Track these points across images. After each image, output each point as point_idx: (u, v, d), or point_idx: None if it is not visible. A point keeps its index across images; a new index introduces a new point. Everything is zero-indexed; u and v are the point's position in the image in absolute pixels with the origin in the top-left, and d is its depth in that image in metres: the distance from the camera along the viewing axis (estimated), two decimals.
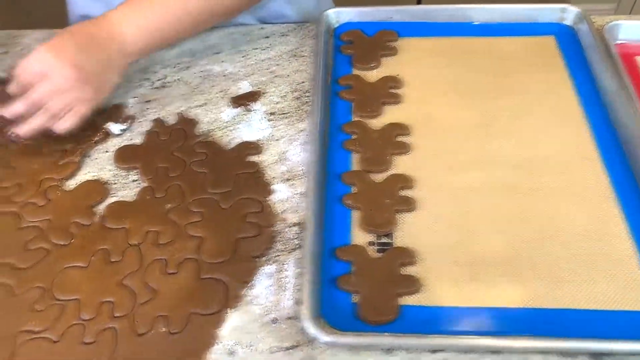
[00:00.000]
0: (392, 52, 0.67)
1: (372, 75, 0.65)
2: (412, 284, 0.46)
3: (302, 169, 0.56)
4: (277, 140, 0.59)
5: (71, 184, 0.55)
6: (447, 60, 0.66)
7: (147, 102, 0.63)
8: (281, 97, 0.63)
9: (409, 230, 0.50)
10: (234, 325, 0.45)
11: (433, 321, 0.44)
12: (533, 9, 0.70)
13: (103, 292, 0.46)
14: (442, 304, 0.45)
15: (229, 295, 0.46)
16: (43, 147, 0.58)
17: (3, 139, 0.55)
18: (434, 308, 0.45)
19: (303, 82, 0.65)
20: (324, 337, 0.42)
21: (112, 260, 0.48)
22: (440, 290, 0.46)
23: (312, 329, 0.42)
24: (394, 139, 0.57)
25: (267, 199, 0.53)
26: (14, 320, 0.45)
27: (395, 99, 0.62)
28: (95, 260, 0.48)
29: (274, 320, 0.45)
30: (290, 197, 0.54)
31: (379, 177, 0.54)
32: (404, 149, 0.56)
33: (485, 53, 0.66)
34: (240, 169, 0.56)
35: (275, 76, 0.66)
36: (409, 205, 0.51)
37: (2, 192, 0.54)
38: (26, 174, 0.55)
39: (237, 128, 0.60)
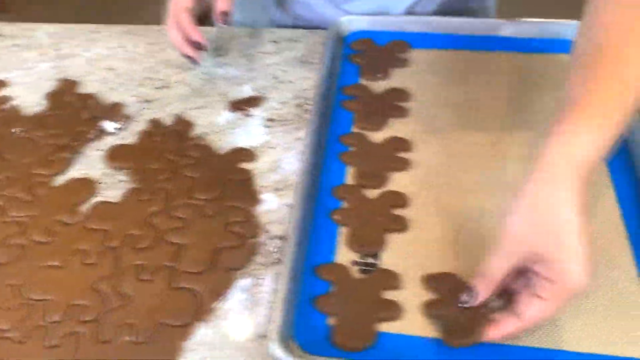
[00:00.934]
0: (403, 63, 0.64)
1: (380, 87, 0.62)
2: (393, 310, 0.43)
3: (295, 179, 0.53)
4: (272, 147, 0.57)
5: (60, 180, 0.54)
6: (461, 74, 0.63)
7: (146, 101, 0.62)
8: (282, 103, 0.61)
9: (397, 252, 0.47)
10: (201, 340, 0.42)
11: (411, 352, 0.41)
12: (561, 25, 0.66)
13: (74, 294, 0.45)
14: (424, 334, 0.42)
15: (200, 308, 0.44)
16: (39, 141, 0.58)
17: None
18: (414, 338, 0.42)
19: (307, 89, 0.63)
20: None
21: (88, 262, 0.47)
22: (422, 319, 0.42)
23: (278, 351, 0.40)
24: (394, 154, 0.54)
25: (254, 208, 0.51)
26: None
27: (401, 113, 0.59)
28: (71, 260, 0.47)
29: (243, 337, 0.43)
30: (278, 208, 0.51)
31: (373, 194, 0.51)
32: (403, 165, 0.54)
33: (504, 69, 0.63)
34: (230, 175, 0.54)
35: (279, 82, 0.64)
36: (400, 225, 0.48)
37: None
38: (17, 167, 0.55)
39: (233, 133, 0.58)
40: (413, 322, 0.42)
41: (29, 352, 0.42)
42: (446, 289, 0.43)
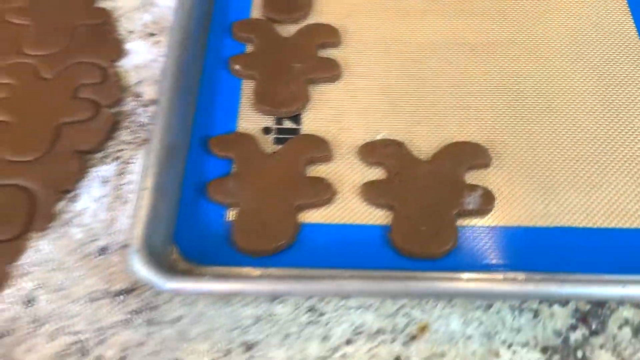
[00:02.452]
0: None
1: None
2: (322, 191, 0.29)
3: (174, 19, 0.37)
4: None
5: None
6: None
7: None
8: None
9: (323, 111, 0.33)
10: (38, 259, 0.28)
11: (345, 248, 0.28)
12: None
13: None
14: (360, 221, 0.29)
15: (36, 212, 0.29)
16: None
17: None
18: (348, 227, 0.29)
19: None
20: (164, 283, 0.26)
21: None
22: (356, 201, 0.29)
23: (140, 267, 0.26)
24: None
25: (116, 64, 0.35)
26: None
27: None
28: None
29: (102, 251, 0.29)
30: (151, 60, 0.35)
31: (289, 30, 0.36)
32: None
33: None
34: (79, 19, 0.37)
35: None
36: (330, 71, 0.34)
37: None
38: None
39: None
40: (350, 208, 0.29)
41: None
42: (393, 165, 0.30)
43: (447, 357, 0.26)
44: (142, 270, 0.25)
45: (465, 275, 0.27)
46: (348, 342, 0.26)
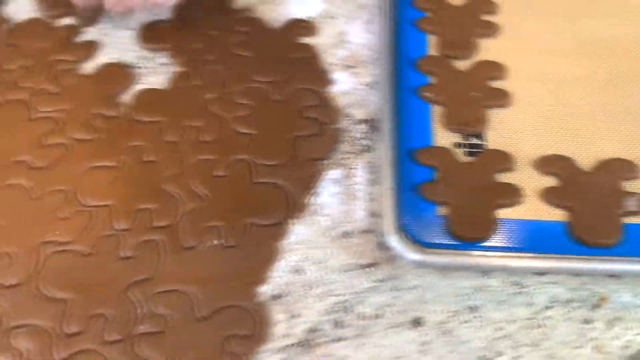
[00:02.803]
0: None
1: None
2: (513, 194, 0.38)
3: (368, 55, 0.46)
4: (333, 18, 0.48)
5: (88, 67, 0.45)
6: None
7: None
8: None
9: (502, 130, 0.41)
10: (299, 239, 0.37)
11: (536, 238, 0.37)
12: None
13: (138, 197, 0.39)
14: (545, 217, 0.37)
15: (290, 204, 0.38)
16: (51, 22, 0.48)
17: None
18: (537, 222, 0.37)
19: None
20: (412, 255, 0.35)
21: (146, 159, 0.40)
22: (544, 204, 0.38)
23: (397, 244, 0.35)
24: (478, 17, 0.47)
25: (326, 90, 0.44)
26: (34, 229, 0.37)
27: None
28: (125, 159, 0.40)
29: (346, 234, 0.38)
30: (353, 88, 0.44)
31: (463, 65, 0.44)
32: (490, 29, 0.46)
33: None
34: (291, 52, 0.46)
35: None
36: (501, 99, 0.42)
37: (5, 76, 0.44)
38: (33, 54, 0.45)
39: (283, 2, 0.49)
40: (532, 206, 0.38)
41: (99, 266, 0.36)
42: (565, 174, 0.38)
43: (624, 320, 0.34)
44: (398, 246, 0.34)
45: (631, 259, 0.35)
46: (547, 307, 0.35)
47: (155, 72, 0.45)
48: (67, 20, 0.48)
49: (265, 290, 0.35)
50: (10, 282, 0.35)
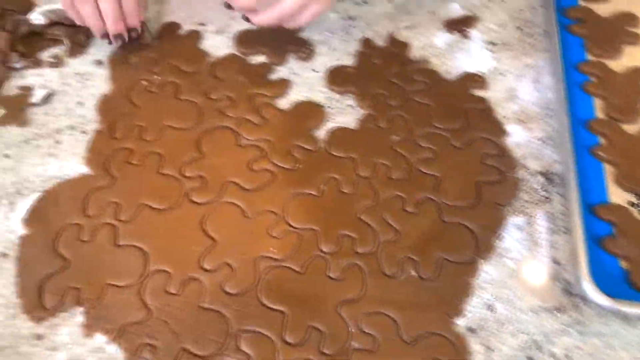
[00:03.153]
0: None
1: (604, 10, 0.56)
2: None
3: (537, 111, 0.50)
4: (502, 74, 0.52)
5: (283, 103, 0.51)
6: None
7: (350, 18, 0.57)
8: (500, 25, 0.56)
9: None
10: (488, 278, 0.41)
11: None
12: None
13: (340, 224, 0.43)
14: None
15: (478, 245, 0.42)
16: (249, 59, 0.54)
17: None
18: None
19: (522, 9, 0.58)
20: (600, 302, 0.38)
21: (344, 191, 0.45)
22: None
23: (584, 292, 0.38)
24: None
25: (503, 140, 0.48)
26: (251, 244, 0.42)
27: (634, 39, 0.54)
28: (325, 189, 0.45)
29: (532, 278, 0.41)
30: (527, 141, 0.48)
31: (631, 129, 0.48)
32: None
33: None
34: (467, 103, 0.50)
35: (489, 0, 0.58)
36: None
37: (213, 104, 0.50)
38: (234, 87, 0.51)
39: (455, 57, 0.54)
40: None
41: (311, 283, 0.40)
42: None
43: None
44: (586, 294, 0.38)
45: None
46: None
47: (344, 112, 0.50)
48: (260, 58, 0.54)
49: (462, 322, 0.39)
50: (234, 290, 0.40)
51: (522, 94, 0.51)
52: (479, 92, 0.51)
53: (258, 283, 0.40)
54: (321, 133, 0.49)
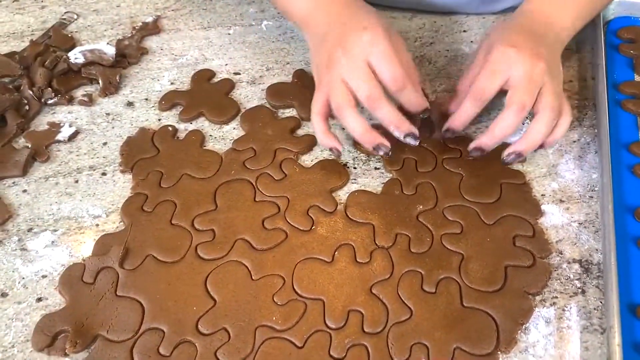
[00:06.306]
0: None
1: None
2: None
3: (579, 192, 0.46)
4: (543, 150, 0.49)
5: (307, 159, 0.49)
6: None
7: None
8: None
9: None
10: None
11: None
12: None
13: (350, 298, 0.40)
14: None
15: (500, 336, 0.38)
16: (277, 111, 0.52)
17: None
18: None
19: (571, 80, 0.54)
20: None
21: (358, 260, 0.42)
22: None
23: None
24: None
25: (538, 221, 0.44)
26: (253, 310, 0.39)
27: None
28: (339, 257, 0.42)
29: None
30: (565, 224, 0.44)
31: None
32: None
33: None
34: (502, 177, 0.47)
35: None
36: None
37: (237, 155, 0.49)
38: (260, 139, 0.50)
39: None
40: None
41: None
42: None
43: None
44: None
45: None
46: None
47: (369, 175, 0.48)
48: (289, 112, 0.53)
49: None
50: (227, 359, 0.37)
51: (564, 171, 0.47)
52: (517, 166, 0.48)
53: (254, 354, 0.38)
54: (342, 194, 0.46)
